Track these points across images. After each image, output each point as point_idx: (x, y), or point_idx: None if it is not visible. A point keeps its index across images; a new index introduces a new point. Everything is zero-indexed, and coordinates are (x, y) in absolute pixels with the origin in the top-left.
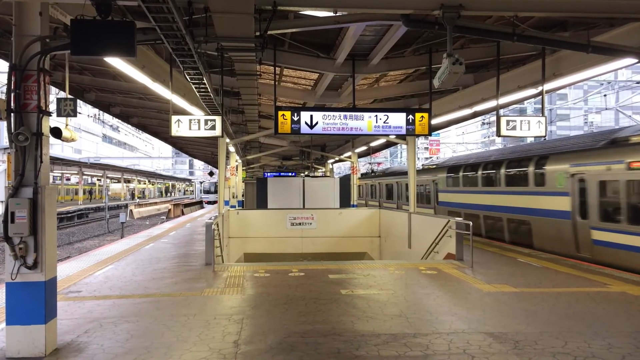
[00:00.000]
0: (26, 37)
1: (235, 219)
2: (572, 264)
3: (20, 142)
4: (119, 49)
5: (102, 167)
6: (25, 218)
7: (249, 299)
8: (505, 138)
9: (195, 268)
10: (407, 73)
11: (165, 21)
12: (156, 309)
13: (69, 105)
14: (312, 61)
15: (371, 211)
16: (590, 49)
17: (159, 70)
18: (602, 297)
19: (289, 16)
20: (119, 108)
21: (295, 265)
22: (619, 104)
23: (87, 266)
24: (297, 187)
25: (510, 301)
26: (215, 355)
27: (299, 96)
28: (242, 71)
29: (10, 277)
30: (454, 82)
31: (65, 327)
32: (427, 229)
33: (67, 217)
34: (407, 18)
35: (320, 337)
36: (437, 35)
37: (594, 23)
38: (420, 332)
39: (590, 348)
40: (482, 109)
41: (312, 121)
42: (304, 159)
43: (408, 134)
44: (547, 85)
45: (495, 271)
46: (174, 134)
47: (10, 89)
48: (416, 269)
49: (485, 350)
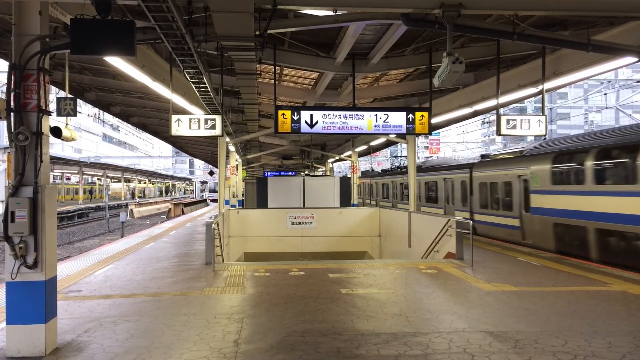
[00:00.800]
0: (26, 36)
1: (235, 218)
2: (573, 263)
3: (20, 142)
4: (119, 48)
5: (102, 166)
6: (25, 217)
7: (249, 298)
8: (505, 137)
9: (195, 267)
10: (407, 72)
11: (165, 20)
12: (156, 308)
13: (69, 104)
14: (312, 60)
15: (371, 210)
16: (590, 48)
17: (159, 70)
18: (603, 296)
19: (288, 15)
20: (119, 107)
21: (295, 265)
22: (619, 103)
23: (87, 265)
24: (297, 187)
25: (511, 300)
26: (216, 354)
27: (299, 95)
28: (242, 70)
29: (11, 277)
30: (454, 81)
31: (65, 327)
32: (427, 228)
33: (67, 216)
34: (407, 17)
35: (320, 336)
36: (437, 34)
37: (594, 22)
38: (421, 331)
39: (591, 347)
40: (482, 108)
41: (312, 120)
42: (304, 158)
43: (408, 133)
44: (547, 84)
45: (496, 270)
46: (174, 133)
47: (10, 88)
48: (416, 268)
49: (486, 349)
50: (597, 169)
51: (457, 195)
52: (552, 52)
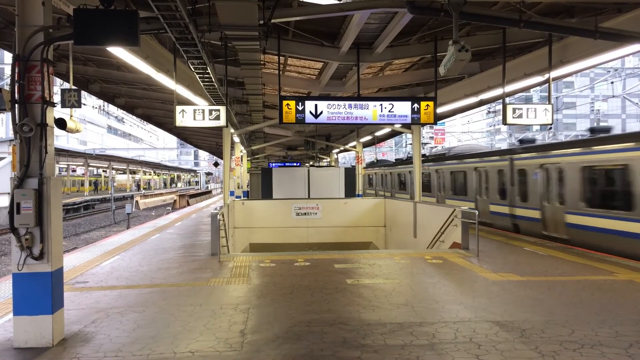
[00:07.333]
0: (29, 27)
1: (240, 209)
2: (579, 252)
3: (24, 133)
4: (122, 38)
5: (107, 158)
6: (31, 209)
7: (255, 288)
8: (510, 127)
9: (201, 258)
10: (412, 61)
11: (168, 10)
12: (162, 299)
13: (73, 96)
14: (317, 50)
15: (376, 201)
16: (598, 35)
17: (163, 60)
18: (609, 286)
19: (292, 4)
20: (123, 99)
21: (300, 255)
22: (625, 92)
23: (93, 257)
24: (302, 177)
25: (517, 290)
26: (222, 344)
27: (303, 86)
28: (246, 60)
29: (17, 268)
30: (460, 70)
31: (72, 317)
32: (433, 218)
33: (73, 208)
34: (412, 5)
35: (326, 326)
36: (443, 22)
37: (602, 9)
38: (427, 321)
39: (598, 336)
40: (488, 97)
41: (317, 110)
42: (309, 149)
43: (413, 123)
44: (554, 72)
45: (501, 260)
46: (179, 124)
47: (14, 79)
48: (422, 258)
49: (492, 339)
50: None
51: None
52: (558, 40)
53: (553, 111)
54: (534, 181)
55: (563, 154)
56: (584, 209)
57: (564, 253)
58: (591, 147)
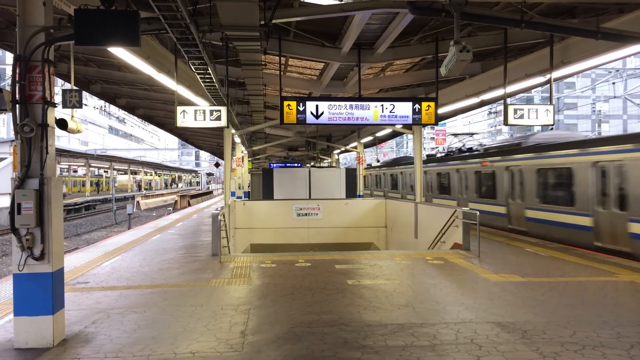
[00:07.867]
0: (30, 27)
1: (241, 209)
2: (580, 253)
3: (25, 133)
4: (123, 38)
5: (108, 158)
6: (32, 209)
7: (256, 289)
8: (511, 128)
9: (202, 259)
10: (413, 62)
11: (169, 10)
12: (163, 300)
13: (74, 96)
14: (318, 50)
15: (377, 201)
16: (599, 36)
17: (164, 61)
18: (611, 286)
19: (293, 4)
20: (124, 99)
21: (301, 256)
22: (627, 92)
23: (94, 257)
24: (303, 178)
25: (518, 291)
26: (223, 345)
27: (304, 86)
28: (247, 61)
29: (18, 269)
30: (461, 70)
31: (73, 318)
32: (434, 218)
33: (74, 208)
34: (413, 5)
35: (327, 327)
36: (444, 23)
37: (604, 9)
38: (428, 321)
39: (599, 337)
40: (489, 97)
41: (318, 111)
42: (310, 150)
43: (414, 124)
44: (555, 73)
45: (502, 261)
46: (180, 124)
47: (15, 80)
48: (423, 259)
49: (493, 340)
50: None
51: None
52: (560, 41)
53: (555, 111)
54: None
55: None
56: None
57: (565, 254)
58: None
